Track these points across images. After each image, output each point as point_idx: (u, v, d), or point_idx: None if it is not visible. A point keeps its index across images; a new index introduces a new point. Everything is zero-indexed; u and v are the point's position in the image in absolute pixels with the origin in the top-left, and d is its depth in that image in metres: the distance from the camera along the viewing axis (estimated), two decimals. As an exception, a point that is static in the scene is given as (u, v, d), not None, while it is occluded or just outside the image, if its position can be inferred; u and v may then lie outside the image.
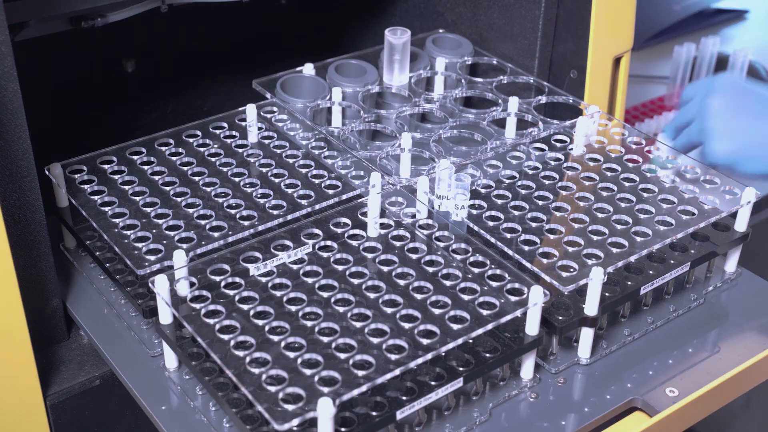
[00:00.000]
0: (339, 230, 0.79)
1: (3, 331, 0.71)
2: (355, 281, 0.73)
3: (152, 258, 0.74)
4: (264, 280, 0.73)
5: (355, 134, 0.91)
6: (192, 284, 0.71)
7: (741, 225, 0.82)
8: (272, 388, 0.62)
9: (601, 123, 0.93)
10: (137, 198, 0.82)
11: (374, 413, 0.64)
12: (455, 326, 0.68)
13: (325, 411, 0.60)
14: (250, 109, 0.91)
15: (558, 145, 0.91)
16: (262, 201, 0.82)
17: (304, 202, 0.82)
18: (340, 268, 0.74)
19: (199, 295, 0.71)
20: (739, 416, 1.35)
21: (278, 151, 0.89)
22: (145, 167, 0.86)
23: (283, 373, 0.64)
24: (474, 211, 0.81)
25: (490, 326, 0.68)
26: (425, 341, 0.66)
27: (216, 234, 0.77)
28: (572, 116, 0.94)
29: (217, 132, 0.92)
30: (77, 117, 1.15)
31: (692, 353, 0.77)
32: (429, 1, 1.10)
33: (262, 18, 1.31)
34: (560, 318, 0.73)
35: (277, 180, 0.85)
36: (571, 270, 0.74)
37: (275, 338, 0.67)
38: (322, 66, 0.98)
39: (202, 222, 0.79)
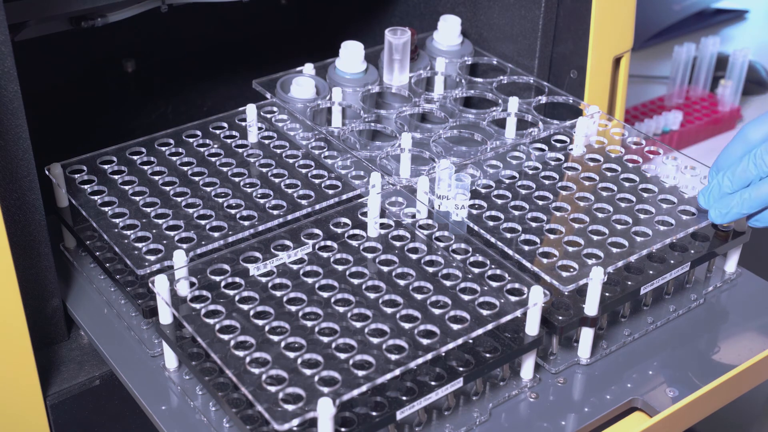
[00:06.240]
0: (339, 230, 0.79)
1: (3, 331, 0.71)
2: (355, 281, 0.73)
3: (152, 258, 0.74)
4: (264, 280, 0.73)
5: (355, 134, 0.91)
6: (192, 284, 0.71)
7: (741, 225, 0.82)
8: (272, 388, 0.62)
9: (601, 123, 0.93)
10: (137, 198, 0.82)
11: (374, 413, 0.64)
12: (455, 326, 0.68)
13: (325, 411, 0.60)
14: (250, 109, 0.91)
15: (558, 145, 0.91)
16: (262, 201, 0.82)
17: (304, 202, 0.82)
18: (340, 268, 0.74)
19: (199, 295, 0.71)
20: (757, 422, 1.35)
21: (278, 151, 0.89)
22: (145, 167, 0.86)
23: (283, 373, 0.64)
24: (474, 211, 0.81)
25: (490, 326, 0.68)
26: (425, 341, 0.66)
27: (216, 234, 0.77)
28: (572, 116, 0.94)
29: (217, 132, 0.92)
30: (77, 117, 1.15)
31: (692, 353, 0.77)
32: (429, 1, 1.10)
33: (262, 18, 1.31)
34: (560, 318, 0.73)
35: (277, 180, 0.85)
36: (571, 270, 0.74)
37: (275, 338, 0.67)
38: (322, 66, 0.98)
39: (202, 222, 0.79)
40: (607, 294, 0.74)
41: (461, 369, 0.68)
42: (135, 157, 0.87)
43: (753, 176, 0.74)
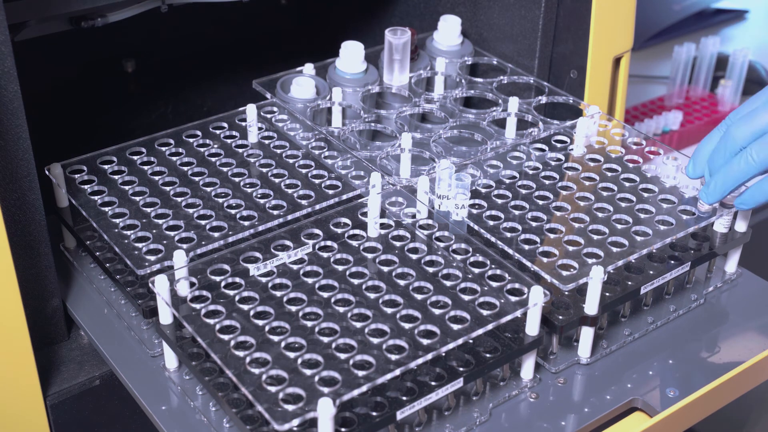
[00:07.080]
0: (339, 230, 0.79)
1: (3, 331, 0.71)
2: (355, 281, 0.73)
3: (152, 258, 0.74)
4: (264, 280, 0.73)
5: (355, 134, 0.91)
6: (192, 284, 0.71)
7: (741, 225, 0.82)
8: (272, 389, 0.62)
9: (601, 123, 0.93)
10: (137, 198, 0.82)
11: (374, 413, 0.64)
12: (455, 326, 0.68)
13: (325, 411, 0.60)
14: (250, 109, 0.91)
15: (558, 145, 0.91)
16: (262, 201, 0.82)
17: (304, 202, 0.82)
18: (340, 268, 0.74)
19: (199, 295, 0.71)
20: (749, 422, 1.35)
21: (278, 151, 0.89)
22: (145, 167, 0.86)
23: (284, 374, 0.64)
24: (474, 211, 0.81)
25: (490, 326, 0.68)
26: (425, 341, 0.66)
27: (216, 234, 0.77)
28: (572, 116, 0.94)
29: (217, 132, 0.92)
30: (77, 117, 1.15)
31: (692, 353, 0.77)
32: (429, 1, 1.10)
33: (262, 18, 1.31)
34: (560, 317, 0.73)
35: (277, 180, 0.85)
36: (572, 269, 0.74)
37: (275, 338, 0.67)
38: (322, 66, 0.98)
39: (202, 222, 0.79)
40: (607, 293, 0.74)
41: (461, 369, 0.68)
42: (135, 157, 0.87)
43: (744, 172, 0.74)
